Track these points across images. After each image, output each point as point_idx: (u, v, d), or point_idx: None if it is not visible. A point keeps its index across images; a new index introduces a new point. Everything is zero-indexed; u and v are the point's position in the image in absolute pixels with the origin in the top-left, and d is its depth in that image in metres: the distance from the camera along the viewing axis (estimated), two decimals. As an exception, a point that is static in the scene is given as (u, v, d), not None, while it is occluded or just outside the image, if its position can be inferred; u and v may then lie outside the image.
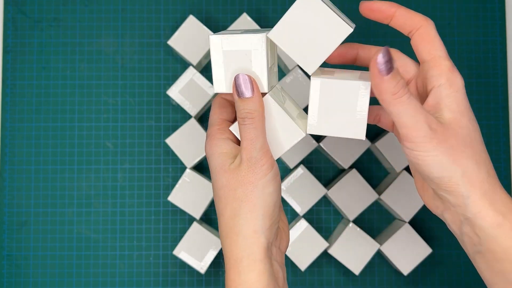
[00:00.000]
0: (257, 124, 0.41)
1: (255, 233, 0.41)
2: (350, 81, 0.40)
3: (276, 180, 0.41)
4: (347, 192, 0.60)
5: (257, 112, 0.41)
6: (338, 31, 0.40)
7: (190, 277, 0.62)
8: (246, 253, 0.40)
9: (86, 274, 0.62)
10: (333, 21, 0.39)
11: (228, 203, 0.42)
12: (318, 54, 0.40)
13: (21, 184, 0.62)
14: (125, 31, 0.63)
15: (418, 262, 0.60)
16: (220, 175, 0.42)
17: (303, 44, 0.40)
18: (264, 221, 0.41)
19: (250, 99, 0.41)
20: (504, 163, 0.63)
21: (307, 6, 0.39)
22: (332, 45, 0.40)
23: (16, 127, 0.62)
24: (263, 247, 0.40)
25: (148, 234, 0.62)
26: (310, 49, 0.40)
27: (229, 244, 0.41)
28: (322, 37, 0.40)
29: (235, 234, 0.41)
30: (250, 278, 0.40)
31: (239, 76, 0.41)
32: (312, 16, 0.40)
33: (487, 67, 0.64)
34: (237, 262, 0.41)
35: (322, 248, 0.60)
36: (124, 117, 0.63)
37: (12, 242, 0.62)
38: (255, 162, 0.41)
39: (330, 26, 0.40)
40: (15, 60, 0.63)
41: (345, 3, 0.64)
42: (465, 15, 0.64)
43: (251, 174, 0.41)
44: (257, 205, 0.41)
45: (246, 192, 0.41)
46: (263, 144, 0.41)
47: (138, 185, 0.62)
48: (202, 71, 0.63)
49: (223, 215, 0.42)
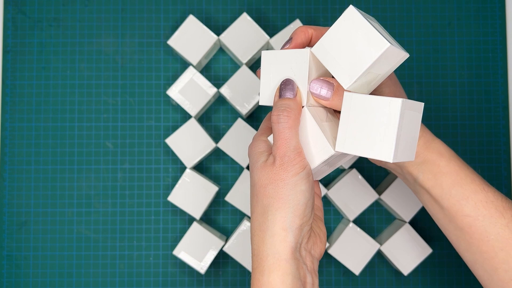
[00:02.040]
0: (292, 124, 0.41)
1: (283, 230, 0.40)
2: (380, 97, 0.39)
3: (308, 179, 0.41)
4: (347, 192, 0.60)
5: (294, 111, 0.41)
6: (376, 46, 0.39)
7: (190, 277, 0.62)
8: (271, 251, 0.40)
9: (86, 274, 0.62)
10: (372, 36, 0.39)
11: (259, 200, 0.41)
12: (354, 69, 0.40)
13: (21, 184, 0.62)
14: (125, 31, 0.63)
15: (418, 262, 0.60)
16: (253, 172, 0.42)
17: (342, 58, 0.40)
18: (293, 219, 0.40)
19: (290, 99, 0.42)
20: (504, 163, 0.63)
21: (350, 22, 0.40)
22: (369, 60, 0.39)
23: (16, 127, 0.62)
24: (290, 246, 0.40)
25: (148, 234, 0.62)
26: (348, 64, 0.40)
27: (256, 241, 0.41)
28: (360, 52, 0.40)
29: (263, 231, 0.40)
30: (274, 279, 0.39)
31: (286, 79, 0.42)
32: (353, 31, 0.40)
33: (487, 67, 0.64)
34: (262, 260, 0.40)
35: (322, 248, 0.60)
36: (124, 117, 0.63)
37: (12, 242, 0.62)
38: (288, 160, 0.40)
39: (369, 41, 0.39)
40: (15, 60, 0.63)
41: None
42: (465, 15, 0.64)
43: (283, 172, 0.40)
44: (287, 202, 0.40)
45: (276, 189, 0.40)
46: (297, 145, 0.41)
47: (138, 185, 0.62)
48: (202, 71, 0.63)
49: (254, 212, 0.42)
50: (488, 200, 0.45)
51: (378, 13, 0.64)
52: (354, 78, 0.40)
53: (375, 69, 0.40)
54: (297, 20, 0.60)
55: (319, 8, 0.64)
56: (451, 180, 0.46)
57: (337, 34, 0.40)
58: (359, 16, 0.39)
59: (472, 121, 0.63)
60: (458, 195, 0.46)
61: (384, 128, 0.39)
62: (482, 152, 0.63)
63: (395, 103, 0.39)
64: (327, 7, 0.64)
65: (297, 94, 0.42)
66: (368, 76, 0.41)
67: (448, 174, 0.46)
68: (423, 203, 0.49)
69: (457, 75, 0.63)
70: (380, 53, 0.39)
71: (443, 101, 0.63)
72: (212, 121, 0.63)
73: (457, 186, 0.46)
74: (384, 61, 0.40)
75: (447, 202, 0.46)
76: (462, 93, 0.63)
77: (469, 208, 0.45)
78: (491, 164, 0.63)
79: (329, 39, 0.41)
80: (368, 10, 0.64)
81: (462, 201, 0.45)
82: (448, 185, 0.46)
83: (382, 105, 0.39)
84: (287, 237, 0.40)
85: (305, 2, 0.64)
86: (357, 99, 0.40)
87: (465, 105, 0.63)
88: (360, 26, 0.39)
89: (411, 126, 0.40)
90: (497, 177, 0.63)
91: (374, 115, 0.39)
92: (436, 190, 0.46)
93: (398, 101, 0.38)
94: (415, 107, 0.40)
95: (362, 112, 0.40)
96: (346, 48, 0.40)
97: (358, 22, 0.40)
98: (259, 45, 0.60)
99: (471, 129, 0.63)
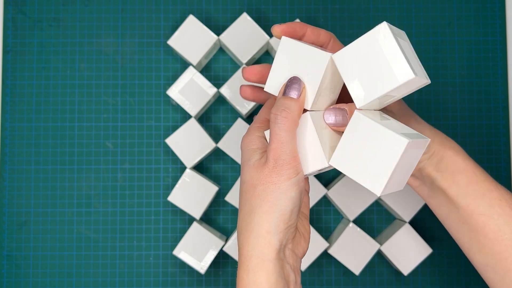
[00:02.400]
0: (289, 127, 0.40)
1: (268, 233, 0.40)
2: (388, 131, 0.38)
3: (299, 186, 0.41)
4: (347, 192, 0.60)
5: (293, 113, 0.40)
6: (401, 74, 0.37)
7: (190, 277, 0.62)
8: (256, 251, 0.40)
9: (86, 274, 0.62)
10: (399, 62, 0.37)
11: (247, 199, 0.41)
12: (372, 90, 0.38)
13: (21, 184, 0.62)
14: (125, 31, 0.63)
15: (418, 262, 0.60)
16: (245, 169, 0.42)
17: (362, 75, 0.39)
18: (278, 224, 0.40)
19: (292, 99, 0.41)
20: (504, 163, 0.63)
21: (379, 39, 0.38)
22: (390, 85, 0.38)
23: (16, 127, 0.62)
24: (274, 248, 0.40)
25: (148, 234, 0.62)
26: (367, 82, 0.39)
27: (242, 240, 0.41)
28: (383, 74, 0.38)
29: (249, 231, 0.41)
30: (258, 278, 0.40)
31: (294, 77, 0.41)
32: (380, 50, 0.38)
33: (487, 67, 0.64)
34: (247, 259, 0.41)
35: (322, 248, 0.60)
36: (124, 117, 0.63)
37: (12, 242, 0.62)
38: (282, 164, 0.40)
39: (395, 66, 0.37)
40: (15, 60, 0.63)
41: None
42: (465, 15, 0.64)
43: (275, 175, 0.40)
44: (274, 206, 0.40)
45: (266, 192, 0.40)
46: (293, 149, 0.40)
47: (138, 185, 0.62)
48: (202, 71, 0.63)
49: (242, 210, 0.42)
50: (502, 198, 0.46)
51: (378, 13, 0.64)
52: (369, 100, 0.39)
53: (393, 93, 0.39)
54: (297, 20, 0.60)
55: (319, 8, 0.64)
56: (468, 177, 0.46)
57: (363, 47, 0.38)
58: (390, 35, 0.38)
59: (472, 121, 0.63)
60: (474, 193, 0.46)
61: (382, 163, 0.38)
62: (482, 152, 0.63)
63: (400, 143, 0.37)
64: (327, 7, 0.64)
65: (302, 95, 0.41)
66: (383, 98, 0.39)
67: (464, 172, 0.46)
68: (435, 208, 0.49)
69: (457, 75, 0.63)
70: (403, 82, 0.37)
71: (443, 101, 0.63)
72: (212, 121, 0.63)
73: (473, 184, 0.46)
74: (405, 87, 0.39)
75: (463, 201, 0.46)
76: (462, 93, 0.63)
77: (484, 206, 0.45)
78: (491, 164, 0.63)
79: (354, 51, 0.39)
80: (368, 10, 0.64)
81: (478, 199, 0.46)
82: (465, 183, 0.46)
83: (388, 140, 0.38)
84: (272, 240, 0.40)
85: (305, 2, 0.64)
86: (365, 123, 0.39)
87: (465, 105, 0.63)
88: (389, 47, 0.38)
89: (410, 160, 0.39)
90: (497, 177, 0.63)
91: (377, 146, 0.38)
92: (453, 188, 0.46)
93: (404, 142, 0.37)
94: (420, 144, 0.39)
95: (366, 137, 0.39)
96: (368, 65, 0.38)
97: (388, 41, 0.38)
98: (259, 45, 0.60)
99: (471, 129, 0.63)
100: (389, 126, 0.39)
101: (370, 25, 0.64)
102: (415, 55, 0.40)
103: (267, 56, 0.64)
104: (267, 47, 0.62)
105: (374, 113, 0.41)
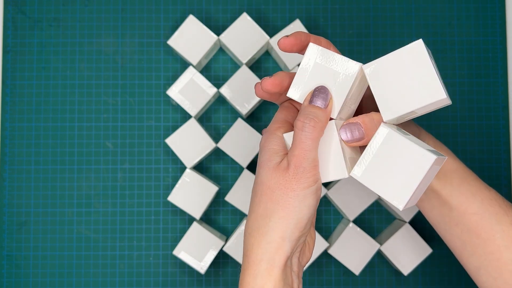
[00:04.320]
0: (315, 136, 0.40)
1: (282, 240, 0.40)
2: (415, 146, 0.38)
3: (317, 194, 0.40)
4: (347, 192, 0.60)
5: (321, 123, 0.40)
6: (431, 93, 0.38)
7: (190, 277, 0.62)
8: (266, 257, 0.40)
9: (86, 274, 0.62)
10: (431, 80, 0.38)
11: (262, 201, 0.41)
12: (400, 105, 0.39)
13: (21, 184, 0.62)
14: (125, 31, 0.63)
15: (418, 262, 0.60)
16: (263, 170, 0.41)
17: (392, 89, 0.39)
18: (293, 231, 0.40)
19: (320, 109, 0.40)
20: (504, 163, 0.63)
21: (413, 56, 0.38)
22: (418, 103, 0.38)
23: (16, 127, 0.62)
24: (286, 255, 0.40)
25: (148, 234, 0.62)
26: (395, 97, 0.39)
27: (252, 243, 0.41)
28: (412, 90, 0.38)
29: (261, 234, 0.40)
30: (266, 283, 0.39)
31: (322, 87, 0.41)
32: (413, 66, 0.38)
33: (487, 67, 0.64)
34: (255, 264, 0.40)
35: (322, 248, 0.60)
36: (124, 117, 0.63)
37: (12, 242, 0.62)
38: (303, 171, 0.39)
39: (425, 84, 0.38)
40: (15, 60, 0.63)
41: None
42: (465, 15, 0.64)
43: (295, 182, 0.39)
44: (292, 213, 0.40)
45: (285, 198, 0.40)
46: (315, 157, 0.40)
47: (138, 185, 0.62)
48: (202, 71, 0.63)
49: (255, 211, 0.41)
50: (492, 198, 0.46)
51: (378, 13, 0.64)
52: (397, 114, 0.39)
53: (419, 110, 0.39)
54: (297, 20, 0.60)
55: (319, 8, 0.64)
56: (460, 177, 0.47)
57: (395, 62, 0.39)
58: (425, 53, 0.38)
59: (472, 121, 0.63)
60: (467, 192, 0.46)
61: (408, 177, 0.38)
62: (482, 152, 0.63)
63: (428, 158, 0.38)
64: (327, 7, 0.64)
65: (329, 105, 0.41)
66: (408, 114, 0.40)
67: (456, 171, 0.47)
68: (427, 212, 0.49)
69: (457, 75, 0.63)
70: (434, 101, 0.38)
71: (443, 101, 0.63)
72: (212, 121, 0.63)
73: (465, 183, 0.46)
74: (432, 106, 0.39)
75: (456, 200, 0.46)
76: (462, 93, 0.63)
77: (477, 205, 0.46)
78: (491, 164, 0.63)
79: (386, 64, 0.39)
80: (369, 10, 0.64)
81: (470, 198, 0.46)
82: (457, 182, 0.46)
83: (415, 155, 0.38)
84: (284, 246, 0.40)
85: (305, 2, 0.64)
86: (392, 137, 0.39)
87: (465, 105, 0.63)
88: (422, 65, 0.38)
89: (430, 176, 0.40)
90: (497, 177, 0.63)
91: (403, 161, 0.38)
92: (446, 189, 0.46)
93: (431, 158, 0.38)
94: (440, 161, 0.39)
95: (392, 152, 0.39)
96: (400, 80, 0.39)
97: (422, 59, 0.38)
98: (259, 45, 0.60)
99: (471, 129, 0.63)
100: (415, 142, 0.39)
101: (370, 25, 0.64)
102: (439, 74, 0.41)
103: (267, 56, 0.64)
104: (267, 47, 0.62)
105: (394, 127, 0.41)
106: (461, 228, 0.46)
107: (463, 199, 0.46)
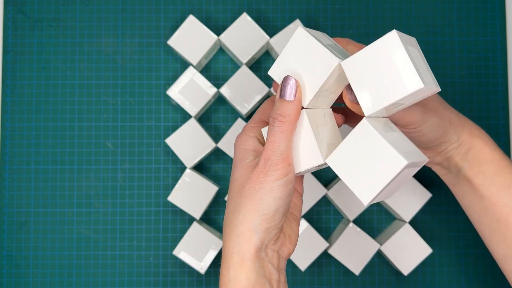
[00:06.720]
0: (285, 129, 0.41)
1: (249, 231, 0.41)
2: (390, 147, 0.38)
3: (286, 187, 0.41)
4: (347, 192, 0.60)
5: (290, 117, 0.41)
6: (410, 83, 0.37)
7: (190, 277, 0.62)
8: (236, 249, 0.41)
9: (86, 274, 0.62)
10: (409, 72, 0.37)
11: (234, 197, 0.42)
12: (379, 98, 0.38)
13: (21, 184, 0.62)
14: (125, 31, 0.63)
15: (418, 262, 0.60)
16: (236, 169, 0.43)
17: (370, 83, 0.38)
18: (261, 223, 0.41)
19: (288, 103, 0.41)
20: (504, 163, 0.63)
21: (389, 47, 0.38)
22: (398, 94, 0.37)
23: (16, 127, 0.62)
24: (255, 247, 0.41)
25: (148, 234, 0.62)
26: (374, 90, 0.38)
27: (225, 237, 0.42)
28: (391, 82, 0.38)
29: (232, 228, 0.41)
30: (238, 275, 0.40)
31: (288, 77, 0.41)
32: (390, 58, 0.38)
33: (487, 67, 0.64)
34: (228, 256, 0.41)
35: (322, 248, 0.60)
36: (124, 117, 0.63)
37: (12, 242, 0.62)
38: (271, 164, 0.40)
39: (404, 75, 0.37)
40: (15, 60, 0.63)
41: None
42: (465, 15, 0.64)
43: (263, 175, 0.41)
44: (258, 205, 0.41)
45: (252, 191, 0.41)
46: (285, 150, 0.41)
47: (138, 185, 0.62)
48: (202, 71, 0.63)
49: (228, 207, 0.43)
50: None
51: (378, 13, 0.64)
52: (377, 108, 0.39)
53: (401, 101, 0.39)
54: (297, 20, 0.60)
55: (319, 8, 0.64)
56: (494, 168, 0.47)
57: (372, 55, 0.38)
58: (400, 43, 0.37)
59: (472, 121, 0.63)
60: (500, 184, 0.47)
61: (377, 175, 0.38)
62: (482, 152, 0.63)
63: (399, 162, 0.38)
64: (327, 7, 0.64)
65: (297, 95, 0.41)
66: (391, 106, 0.39)
67: (492, 162, 0.47)
68: (459, 197, 0.50)
69: (457, 75, 0.63)
70: (412, 91, 0.37)
71: (443, 101, 0.63)
72: (212, 121, 0.63)
73: (500, 175, 0.47)
74: (414, 96, 0.38)
75: (488, 191, 0.47)
76: (462, 93, 0.63)
77: (509, 198, 0.46)
78: (491, 164, 0.63)
79: (363, 58, 0.39)
80: (368, 10, 0.64)
81: (502, 190, 0.46)
82: (491, 173, 0.47)
83: (388, 156, 0.38)
84: (252, 238, 0.41)
85: (305, 2, 0.64)
86: (370, 133, 0.39)
87: (465, 105, 0.63)
88: (398, 55, 0.37)
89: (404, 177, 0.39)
90: (497, 177, 0.63)
91: (376, 158, 0.38)
92: (479, 178, 0.47)
93: (403, 163, 0.37)
94: (418, 163, 0.39)
95: (368, 147, 0.39)
96: (377, 73, 0.38)
97: (397, 50, 0.37)
98: (259, 45, 0.60)
99: (471, 129, 0.63)
100: (392, 141, 0.39)
101: (370, 25, 0.64)
102: (425, 61, 0.40)
103: (267, 56, 0.64)
104: (267, 47, 0.62)
105: (381, 121, 0.41)
106: (491, 218, 0.47)
107: (494, 190, 0.47)
